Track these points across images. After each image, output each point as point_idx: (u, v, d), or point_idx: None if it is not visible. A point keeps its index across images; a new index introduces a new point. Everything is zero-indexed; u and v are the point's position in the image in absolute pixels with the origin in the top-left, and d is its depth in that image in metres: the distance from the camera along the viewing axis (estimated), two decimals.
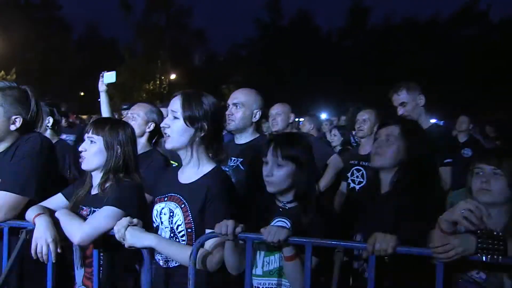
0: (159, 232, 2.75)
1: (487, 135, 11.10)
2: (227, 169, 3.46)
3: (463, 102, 30.86)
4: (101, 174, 2.83)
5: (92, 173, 2.90)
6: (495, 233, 2.19)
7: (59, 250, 2.62)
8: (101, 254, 2.76)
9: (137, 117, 3.95)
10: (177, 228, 2.66)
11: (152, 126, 3.94)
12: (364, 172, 4.59)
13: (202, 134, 2.66)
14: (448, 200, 3.71)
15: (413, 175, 2.74)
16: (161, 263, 2.76)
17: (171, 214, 2.69)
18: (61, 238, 2.65)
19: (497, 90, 36.73)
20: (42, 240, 2.60)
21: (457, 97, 33.76)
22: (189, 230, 2.62)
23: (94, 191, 2.87)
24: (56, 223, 2.69)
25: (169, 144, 2.71)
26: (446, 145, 4.14)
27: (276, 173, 2.64)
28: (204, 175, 2.69)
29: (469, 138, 8.44)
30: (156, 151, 3.99)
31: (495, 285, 2.34)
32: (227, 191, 2.65)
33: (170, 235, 2.70)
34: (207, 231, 2.53)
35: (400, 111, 4.25)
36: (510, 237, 2.20)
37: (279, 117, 5.06)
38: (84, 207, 2.86)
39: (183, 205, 2.65)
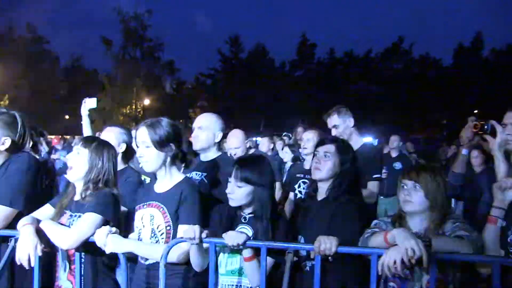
0: (141, 234, 2.83)
1: (407, 150, 11.92)
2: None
3: (393, 123, 32.83)
4: (82, 183, 2.83)
5: (75, 183, 2.87)
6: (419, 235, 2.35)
7: (39, 254, 2.59)
8: (83, 254, 2.73)
9: (109, 140, 3.64)
10: (157, 228, 2.76)
11: (123, 147, 3.89)
12: (309, 183, 4.18)
13: (172, 153, 2.82)
14: (381, 207, 3.89)
15: (344, 185, 2.91)
16: (142, 260, 2.85)
17: (152, 217, 2.79)
18: (45, 245, 2.63)
19: (418, 113, 40.57)
20: (24, 247, 2.58)
21: (388, 118, 35.71)
22: (168, 228, 2.74)
23: (77, 198, 2.85)
24: (40, 231, 2.67)
25: (148, 169, 2.85)
26: (376, 161, 4.24)
27: (236, 192, 2.72)
28: (177, 183, 2.83)
29: (399, 153, 8.84)
30: (130, 168, 3.90)
31: (418, 278, 2.44)
32: (196, 194, 2.76)
33: (150, 235, 2.78)
34: (180, 227, 2.65)
35: (333, 132, 4.31)
36: (433, 237, 2.33)
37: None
38: (66, 211, 2.85)
39: (161, 209, 2.77)
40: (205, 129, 3.62)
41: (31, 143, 4.22)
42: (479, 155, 5.56)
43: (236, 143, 5.02)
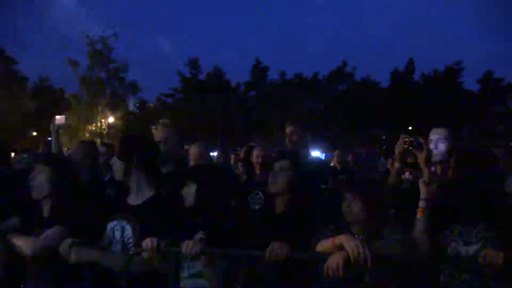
0: (112, 245, 2.72)
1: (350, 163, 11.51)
2: None
3: (338, 139, 33.58)
4: (48, 201, 2.76)
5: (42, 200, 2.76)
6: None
7: None
8: (50, 265, 2.65)
9: (77, 154, 3.80)
10: (127, 241, 2.68)
11: (90, 160, 3.85)
12: (262, 196, 4.35)
13: (134, 166, 2.75)
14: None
15: (298, 196, 2.91)
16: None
17: (122, 230, 2.70)
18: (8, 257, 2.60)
19: (360, 130, 41.26)
20: None
21: (334, 135, 36.05)
22: (138, 241, 2.62)
23: (45, 214, 2.78)
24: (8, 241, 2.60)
25: (118, 178, 2.82)
26: (323, 174, 4.24)
27: (188, 193, 2.79)
28: (148, 198, 2.76)
29: (343, 167, 8.83)
30: (96, 180, 3.87)
31: (361, 279, 2.45)
32: (165, 209, 2.71)
33: (121, 247, 2.68)
34: (143, 242, 2.51)
35: (291, 138, 4.28)
36: (372, 241, 2.38)
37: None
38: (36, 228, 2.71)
39: (132, 222, 2.70)
40: (164, 142, 3.62)
41: None
42: (412, 172, 5.67)
43: (198, 155, 4.96)
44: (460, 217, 2.58)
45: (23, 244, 2.63)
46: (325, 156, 15.32)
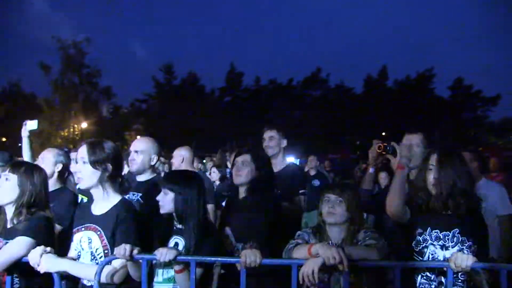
0: (81, 257, 2.66)
1: (324, 168, 12.19)
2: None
3: (312, 144, 32.62)
4: (13, 208, 2.70)
5: (6, 208, 2.73)
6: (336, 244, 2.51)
7: None
8: (17, 278, 2.63)
9: (47, 160, 3.76)
10: (96, 251, 2.62)
11: (60, 166, 3.78)
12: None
13: (108, 174, 2.68)
14: (303, 220, 3.91)
15: (259, 185, 3.13)
16: (85, 282, 2.66)
17: (90, 240, 2.64)
18: None
19: (334, 135, 41.69)
20: None
21: (308, 140, 35.37)
22: (106, 251, 2.60)
23: (9, 224, 2.72)
24: None
25: (82, 185, 2.74)
26: (301, 178, 4.26)
27: (162, 199, 2.80)
28: (113, 206, 2.68)
29: (317, 172, 8.99)
30: (65, 188, 3.80)
31: (336, 282, 2.54)
32: (132, 216, 2.65)
33: (90, 258, 2.63)
34: (116, 250, 2.45)
35: (268, 143, 4.21)
36: (346, 245, 2.49)
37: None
38: (0, 239, 2.67)
39: (98, 232, 2.63)
40: (141, 152, 3.59)
41: None
42: (387, 176, 5.79)
43: (178, 161, 5.15)
44: (438, 220, 2.63)
45: None
46: (299, 162, 15.05)
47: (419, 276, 2.63)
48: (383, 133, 36.03)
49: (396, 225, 2.84)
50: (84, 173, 2.66)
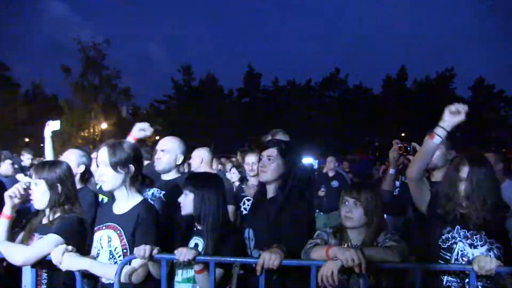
0: (100, 255, 2.67)
1: (343, 169, 11.47)
2: (150, 197, 3.45)
3: (331, 145, 33.16)
4: (49, 209, 2.76)
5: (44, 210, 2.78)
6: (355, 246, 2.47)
7: None
8: (46, 274, 2.68)
9: (69, 161, 3.57)
10: (115, 250, 2.63)
11: (82, 168, 3.81)
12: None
13: (131, 175, 2.69)
14: (320, 223, 3.74)
15: (290, 184, 2.83)
16: (103, 280, 2.67)
17: (109, 239, 2.65)
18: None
19: (353, 136, 41.85)
20: None
21: (327, 141, 36.27)
22: (125, 250, 2.60)
23: (45, 221, 2.79)
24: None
25: (106, 188, 2.72)
26: (318, 179, 4.09)
27: (183, 200, 2.81)
28: (134, 206, 2.69)
29: (335, 173, 8.82)
30: (86, 188, 3.80)
31: (355, 284, 2.48)
32: (152, 217, 2.65)
33: (109, 256, 2.64)
34: (135, 250, 2.45)
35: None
36: (365, 248, 2.40)
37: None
38: (35, 234, 2.75)
39: (118, 231, 2.64)
40: (167, 152, 3.59)
41: None
42: None
43: (197, 162, 5.09)
44: (465, 221, 2.60)
45: (11, 252, 2.61)
46: (317, 163, 15.63)
47: (445, 276, 2.60)
48: (402, 134, 35.84)
49: (416, 222, 2.87)
50: (107, 176, 2.67)
